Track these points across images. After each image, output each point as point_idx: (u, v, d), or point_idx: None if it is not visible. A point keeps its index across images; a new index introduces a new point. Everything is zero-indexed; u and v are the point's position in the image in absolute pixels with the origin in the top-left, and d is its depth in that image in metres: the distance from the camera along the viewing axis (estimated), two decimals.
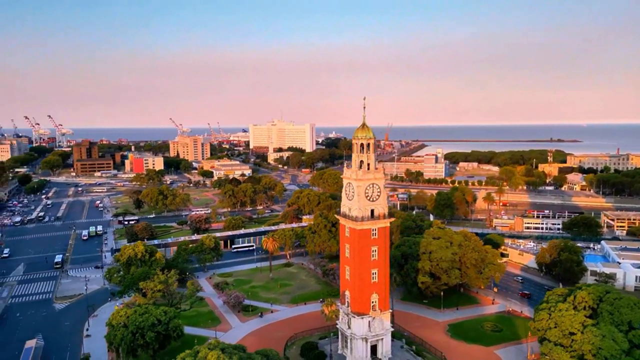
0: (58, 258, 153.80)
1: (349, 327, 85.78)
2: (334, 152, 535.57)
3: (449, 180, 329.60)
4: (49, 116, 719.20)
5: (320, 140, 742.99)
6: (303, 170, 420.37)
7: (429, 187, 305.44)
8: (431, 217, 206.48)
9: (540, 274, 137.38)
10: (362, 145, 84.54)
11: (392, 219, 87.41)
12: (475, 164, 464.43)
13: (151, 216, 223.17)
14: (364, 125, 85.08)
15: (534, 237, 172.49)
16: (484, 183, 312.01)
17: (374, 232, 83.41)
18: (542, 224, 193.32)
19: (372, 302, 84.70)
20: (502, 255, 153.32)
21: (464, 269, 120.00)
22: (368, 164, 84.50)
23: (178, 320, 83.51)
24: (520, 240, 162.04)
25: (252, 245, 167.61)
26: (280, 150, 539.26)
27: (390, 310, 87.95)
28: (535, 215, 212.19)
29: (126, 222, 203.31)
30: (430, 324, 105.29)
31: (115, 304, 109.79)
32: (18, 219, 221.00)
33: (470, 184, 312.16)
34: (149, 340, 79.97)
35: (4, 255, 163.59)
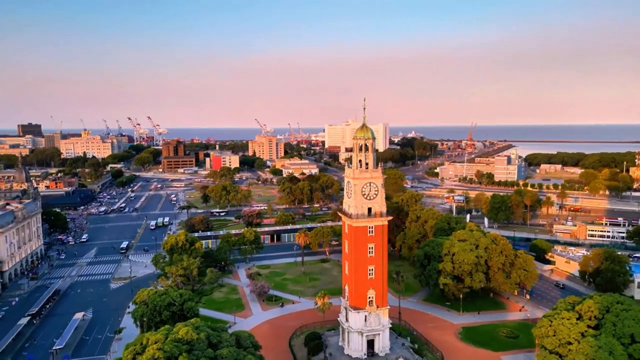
0: (124, 244, 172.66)
1: (347, 320, 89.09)
2: (407, 152, 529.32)
3: (521, 183, 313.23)
4: (149, 117, 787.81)
5: (397, 139, 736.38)
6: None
7: (496, 189, 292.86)
8: (485, 221, 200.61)
9: (584, 284, 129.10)
10: (360, 145, 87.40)
11: (390, 218, 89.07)
12: (558, 167, 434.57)
13: (215, 210, 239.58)
14: (363, 126, 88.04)
15: (588, 245, 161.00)
16: (560, 187, 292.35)
17: (371, 229, 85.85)
18: (608, 232, 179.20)
19: (369, 297, 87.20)
20: (548, 262, 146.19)
21: (492, 273, 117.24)
22: (367, 164, 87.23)
23: (192, 302, 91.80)
24: (571, 248, 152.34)
25: (211, 247, 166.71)
26: (352, 149, 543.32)
27: (389, 307, 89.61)
28: (605, 223, 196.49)
29: (217, 214, 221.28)
30: (444, 326, 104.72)
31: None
32: (103, 208, 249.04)
33: (544, 187, 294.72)
34: (165, 318, 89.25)
35: (83, 239, 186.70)
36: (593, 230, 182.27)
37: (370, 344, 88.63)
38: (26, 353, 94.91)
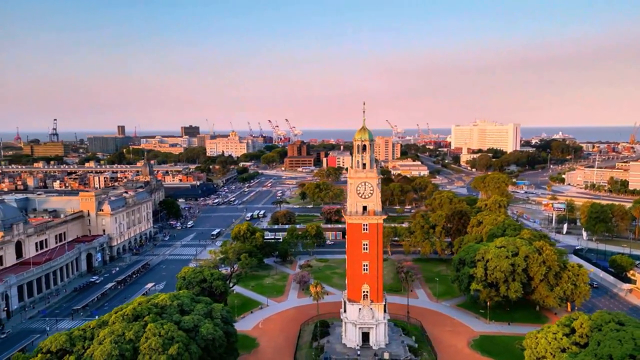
0: (215, 231, 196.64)
1: (345, 312, 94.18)
2: (538, 154, 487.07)
3: None
4: (286, 120, 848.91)
5: (535, 141, 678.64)
6: (489, 173, 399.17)
7: (629, 199, 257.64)
8: (583, 233, 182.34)
9: None
10: (358, 146, 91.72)
11: (385, 216, 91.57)
12: None
13: (309, 206, 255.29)
14: (362, 128, 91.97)
15: None
16: None
17: (365, 227, 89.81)
18: None
19: (364, 291, 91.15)
20: (628, 281, 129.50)
21: (534, 284, 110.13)
22: (364, 164, 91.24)
23: (219, 282, 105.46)
24: None
25: (280, 238, 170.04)
26: (479, 151, 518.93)
27: (384, 303, 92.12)
28: None
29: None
30: (462, 331, 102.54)
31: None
32: (217, 200, 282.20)
33: None
34: (196, 292, 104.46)
35: (188, 225, 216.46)
36: None
37: (366, 336, 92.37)
38: (87, 307, 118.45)
